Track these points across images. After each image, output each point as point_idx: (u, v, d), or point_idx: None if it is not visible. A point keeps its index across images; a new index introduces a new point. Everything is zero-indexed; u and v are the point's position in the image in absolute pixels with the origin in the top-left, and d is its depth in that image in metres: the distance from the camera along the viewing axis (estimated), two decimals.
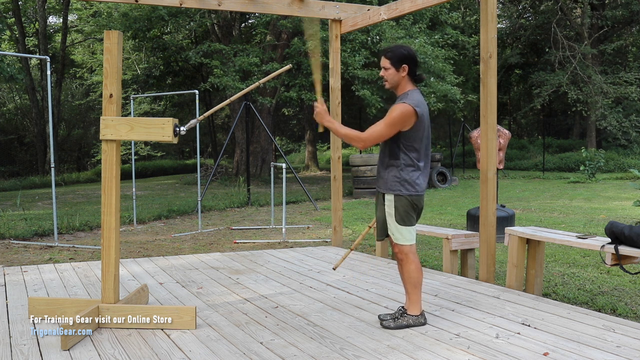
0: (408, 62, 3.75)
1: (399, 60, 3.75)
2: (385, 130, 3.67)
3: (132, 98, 10.50)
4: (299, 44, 16.24)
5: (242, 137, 20.02)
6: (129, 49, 24.96)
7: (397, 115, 3.64)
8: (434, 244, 8.09)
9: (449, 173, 17.96)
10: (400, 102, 3.69)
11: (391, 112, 3.65)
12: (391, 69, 3.78)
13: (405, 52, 3.76)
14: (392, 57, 3.76)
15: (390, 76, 3.79)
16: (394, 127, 3.67)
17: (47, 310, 4.15)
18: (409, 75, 3.78)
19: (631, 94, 23.64)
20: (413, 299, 3.83)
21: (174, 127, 3.97)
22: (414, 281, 3.80)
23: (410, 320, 3.82)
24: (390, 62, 3.77)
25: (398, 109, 3.65)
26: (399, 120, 3.65)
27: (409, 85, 3.80)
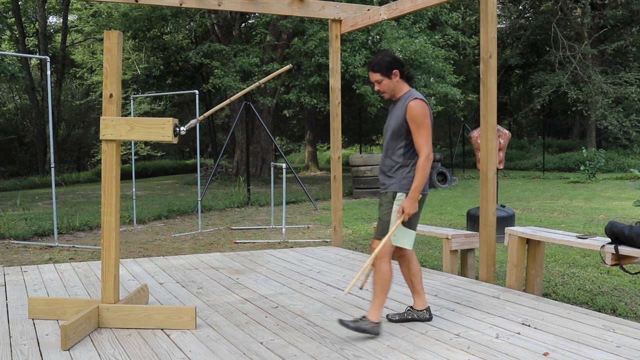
0: (397, 67, 3.79)
1: (388, 69, 3.77)
2: (428, 131, 3.71)
3: (132, 98, 10.50)
4: (299, 44, 16.24)
5: (242, 137, 20.02)
6: (129, 49, 24.97)
7: (424, 112, 3.69)
8: (434, 244, 8.09)
9: (449, 173, 17.96)
10: (411, 100, 3.72)
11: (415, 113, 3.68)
12: (384, 80, 3.80)
13: (390, 58, 3.79)
14: (380, 68, 3.78)
15: (386, 86, 3.82)
16: (429, 119, 3.73)
17: (47, 310, 4.15)
18: (402, 78, 3.83)
19: (631, 94, 23.65)
20: (377, 305, 3.69)
21: (174, 127, 3.97)
22: (385, 283, 3.70)
23: (368, 325, 3.63)
24: (380, 74, 3.79)
25: (416, 106, 3.69)
26: (427, 112, 3.71)
27: (405, 86, 3.85)
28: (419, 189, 3.70)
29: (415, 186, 3.69)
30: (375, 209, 12.33)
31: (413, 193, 3.70)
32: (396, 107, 3.84)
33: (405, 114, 3.74)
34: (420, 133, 3.70)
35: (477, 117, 27.08)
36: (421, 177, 3.69)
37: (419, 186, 3.69)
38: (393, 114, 3.86)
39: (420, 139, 3.71)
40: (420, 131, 3.70)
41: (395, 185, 3.79)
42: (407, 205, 3.70)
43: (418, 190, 3.70)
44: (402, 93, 3.84)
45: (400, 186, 3.78)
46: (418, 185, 3.69)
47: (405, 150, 3.78)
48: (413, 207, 3.70)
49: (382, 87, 3.82)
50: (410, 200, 3.70)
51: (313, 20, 15.85)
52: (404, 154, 3.78)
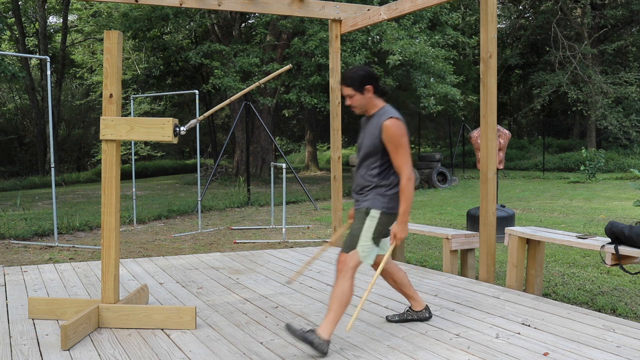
0: (370, 82, 3.60)
1: (361, 84, 3.59)
2: (407, 151, 3.55)
3: (132, 98, 10.50)
4: (299, 44, 16.24)
5: (242, 137, 20.02)
6: (129, 49, 24.97)
7: (400, 131, 3.53)
8: (434, 244, 8.09)
9: (449, 173, 17.96)
10: (386, 119, 3.54)
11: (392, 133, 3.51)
12: (356, 95, 3.61)
13: (363, 72, 3.60)
14: (353, 82, 3.60)
15: (358, 102, 3.63)
16: (406, 138, 3.57)
17: (47, 310, 4.15)
18: (375, 94, 3.65)
19: (631, 94, 23.65)
20: (331, 318, 3.42)
21: (174, 127, 3.97)
22: (343, 299, 3.45)
23: (316, 340, 3.36)
24: (352, 89, 3.61)
25: (394, 126, 3.52)
26: (404, 130, 3.55)
27: (378, 102, 3.67)
28: (407, 212, 3.55)
29: (404, 210, 3.53)
30: None
31: (403, 217, 3.54)
32: (370, 124, 3.65)
33: (380, 133, 3.55)
34: (399, 153, 3.53)
35: (477, 117, 27.08)
36: (407, 201, 3.53)
37: (407, 209, 3.54)
38: (367, 131, 3.66)
39: (399, 159, 3.54)
40: (399, 151, 3.53)
41: (369, 202, 3.61)
42: (399, 231, 3.55)
43: (406, 214, 3.55)
44: (375, 109, 3.66)
45: (374, 204, 3.59)
46: (406, 209, 3.53)
47: (380, 170, 3.61)
48: (404, 232, 3.56)
49: (354, 102, 3.63)
50: (402, 225, 3.55)
51: (313, 20, 15.85)
52: (378, 174, 3.61)
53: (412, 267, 5.89)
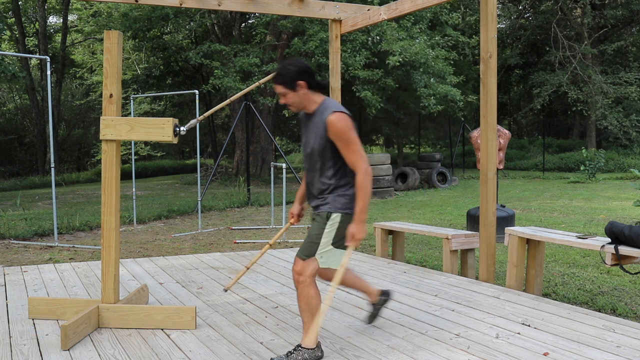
0: (302, 77, 3.30)
1: (292, 80, 3.30)
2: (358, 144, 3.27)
3: (132, 98, 10.50)
4: (299, 44, 16.24)
5: (242, 137, 20.02)
6: (129, 49, 24.98)
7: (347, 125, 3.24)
8: (434, 244, 8.09)
9: (449, 173, 17.96)
10: (329, 115, 3.25)
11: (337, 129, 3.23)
12: (289, 93, 3.32)
13: (294, 68, 3.30)
14: (284, 80, 3.31)
15: (291, 100, 3.34)
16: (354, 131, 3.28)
17: (47, 310, 4.15)
18: (311, 89, 3.34)
19: (631, 94, 23.65)
20: (310, 329, 3.30)
21: (174, 127, 3.97)
22: (313, 308, 3.29)
23: (305, 354, 3.27)
24: (284, 87, 3.32)
25: (339, 120, 3.23)
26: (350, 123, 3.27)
27: (316, 97, 3.37)
28: (364, 210, 3.25)
29: (361, 207, 3.24)
30: (374, 209, 12.33)
31: (360, 216, 3.24)
32: (313, 122, 3.36)
33: (326, 131, 3.27)
34: (350, 149, 3.24)
35: (477, 117, 27.08)
36: (365, 197, 3.24)
37: (365, 207, 3.25)
38: (311, 130, 3.37)
39: (351, 155, 3.25)
40: (350, 147, 3.24)
41: (330, 205, 3.34)
42: (357, 231, 3.25)
43: (364, 211, 3.25)
44: (315, 106, 3.36)
45: (335, 207, 3.33)
46: (363, 206, 3.24)
47: (335, 170, 3.33)
48: (362, 231, 3.25)
49: (287, 100, 3.34)
50: (359, 225, 3.25)
51: (313, 20, 15.85)
52: (334, 174, 3.34)
53: (412, 267, 5.89)
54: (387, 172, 15.33)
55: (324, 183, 3.37)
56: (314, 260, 3.31)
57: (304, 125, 3.45)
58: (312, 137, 3.36)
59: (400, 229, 6.35)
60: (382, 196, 15.07)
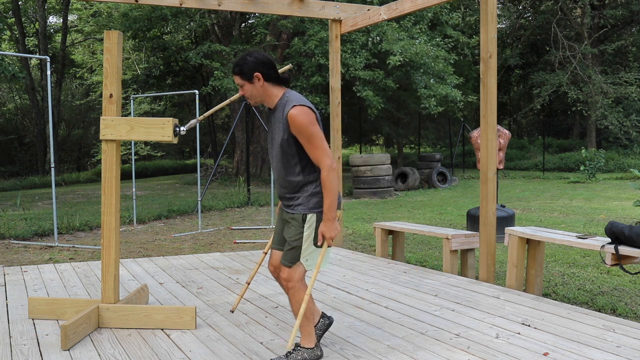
0: (259, 69, 3.18)
1: (249, 71, 3.18)
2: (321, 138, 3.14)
3: (132, 98, 10.51)
4: (299, 44, 16.24)
5: (242, 137, 20.03)
6: (129, 49, 24.98)
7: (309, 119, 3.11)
8: (434, 244, 8.09)
9: (449, 173, 17.96)
10: (290, 109, 3.12)
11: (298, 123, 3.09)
12: (245, 84, 3.21)
13: (252, 59, 3.19)
14: (240, 71, 3.20)
15: (249, 92, 3.22)
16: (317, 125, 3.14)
17: (47, 310, 4.15)
18: (269, 82, 3.21)
19: (631, 94, 23.66)
20: (307, 331, 3.28)
21: (174, 127, 3.97)
22: (307, 309, 3.26)
23: (305, 354, 3.27)
24: (240, 78, 3.21)
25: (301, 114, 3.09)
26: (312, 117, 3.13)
27: (276, 90, 3.24)
28: (332, 207, 3.13)
29: (328, 205, 3.12)
30: (374, 209, 12.33)
31: (328, 214, 3.14)
32: (275, 117, 3.23)
33: (287, 126, 3.14)
34: (313, 144, 3.11)
35: (477, 117, 27.09)
36: (331, 194, 3.11)
37: (332, 204, 3.13)
38: (274, 126, 3.24)
39: (315, 151, 3.12)
40: (313, 142, 3.11)
41: (303, 206, 3.21)
42: (326, 229, 3.15)
43: (332, 209, 3.13)
44: (276, 99, 3.23)
45: (308, 207, 3.21)
46: (330, 204, 3.12)
47: (302, 166, 3.20)
48: (334, 229, 3.15)
49: (245, 92, 3.24)
50: (328, 223, 3.14)
51: (313, 20, 15.85)
52: (302, 171, 3.21)
53: (412, 267, 5.89)
54: (387, 172, 15.33)
55: (292, 181, 3.23)
56: (299, 265, 3.23)
57: (268, 120, 3.33)
58: (276, 133, 3.23)
59: (400, 229, 6.35)
60: (382, 196, 15.07)
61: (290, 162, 3.21)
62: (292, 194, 3.25)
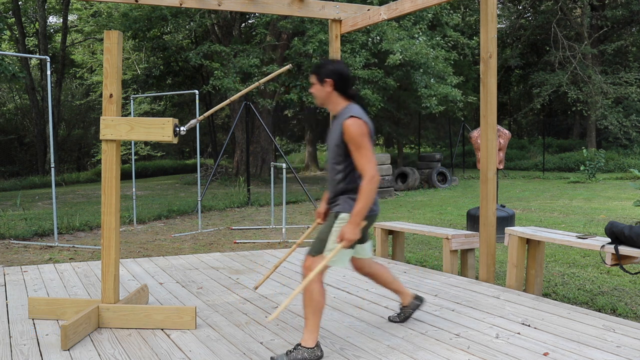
0: (333, 77, 3.45)
1: (324, 75, 3.47)
2: (369, 150, 3.35)
3: (132, 98, 10.50)
4: (299, 45, 16.24)
5: (242, 137, 20.02)
6: (129, 49, 24.97)
7: (360, 130, 3.33)
8: (434, 244, 8.09)
9: (449, 173, 17.96)
10: (347, 119, 3.35)
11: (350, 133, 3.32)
12: (316, 85, 3.52)
13: (332, 67, 3.48)
14: (318, 72, 3.51)
15: (316, 92, 3.53)
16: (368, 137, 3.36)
17: (47, 310, 4.15)
18: (337, 91, 3.49)
19: (631, 94, 23.65)
20: (310, 327, 3.34)
21: (174, 127, 3.97)
22: (315, 304, 3.34)
23: (305, 353, 3.30)
24: (315, 77, 3.52)
25: (354, 125, 3.32)
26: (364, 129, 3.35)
27: (341, 101, 3.51)
28: (361, 214, 3.29)
29: (357, 211, 3.29)
30: None
31: (355, 218, 3.30)
32: (334, 124, 3.50)
33: (342, 134, 3.38)
34: (361, 153, 3.32)
35: (477, 117, 27.08)
36: (365, 202, 3.29)
37: (362, 211, 3.29)
38: (332, 131, 3.51)
39: (361, 160, 3.32)
40: (361, 151, 3.32)
41: (340, 206, 3.46)
42: (348, 232, 3.29)
43: (360, 215, 3.29)
44: (339, 108, 3.51)
45: (344, 208, 3.44)
46: (360, 209, 3.29)
47: (346, 173, 3.44)
48: (354, 234, 3.29)
49: (313, 90, 3.55)
50: (351, 226, 3.29)
51: (313, 21, 15.85)
52: (344, 178, 3.45)
53: (412, 267, 5.89)
54: (387, 172, 15.33)
55: (336, 184, 3.49)
56: (322, 257, 3.39)
57: (330, 127, 3.60)
58: (331, 139, 3.50)
59: (400, 229, 6.35)
60: (382, 196, 15.08)
61: (337, 167, 3.48)
62: (335, 197, 3.52)
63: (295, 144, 39.81)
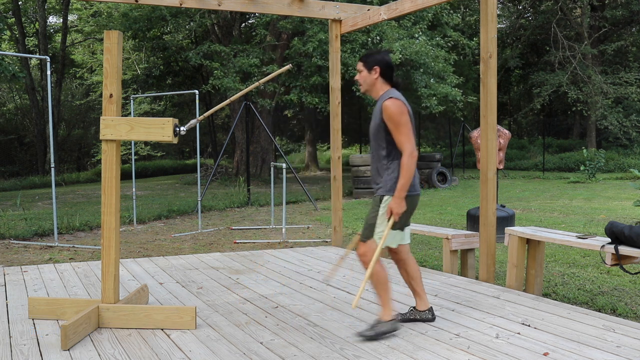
0: (379, 65, 3.76)
1: (372, 63, 3.77)
2: (408, 128, 3.62)
3: (132, 98, 10.50)
4: (299, 45, 16.24)
5: (242, 137, 20.02)
6: (129, 49, 24.96)
7: (399, 110, 3.61)
8: (434, 244, 8.09)
9: (449, 173, 17.96)
10: (386, 100, 3.66)
11: (390, 112, 3.61)
12: (364, 72, 3.80)
13: (379, 56, 3.78)
14: (366, 60, 3.80)
15: (363, 78, 3.81)
16: (407, 116, 3.63)
17: (47, 310, 4.15)
18: (383, 78, 3.78)
19: (631, 94, 23.65)
20: (384, 303, 3.71)
21: (174, 127, 3.97)
22: (383, 282, 3.69)
23: (384, 327, 3.65)
24: (363, 65, 3.81)
25: (390, 105, 3.62)
26: (403, 109, 3.63)
27: (384, 87, 3.80)
28: (404, 187, 3.60)
29: (401, 185, 3.60)
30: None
31: (399, 192, 3.61)
32: (375, 108, 3.79)
33: (381, 114, 3.67)
34: (400, 131, 3.63)
35: (477, 117, 27.08)
36: (406, 176, 3.59)
37: (405, 185, 3.60)
38: (373, 115, 3.81)
39: (400, 137, 3.63)
40: (400, 129, 3.62)
41: (382, 188, 3.73)
42: (394, 205, 3.62)
43: (404, 189, 3.61)
44: (381, 93, 3.80)
45: (386, 189, 3.71)
46: (404, 184, 3.60)
47: (388, 151, 3.72)
48: (400, 206, 3.62)
49: (360, 77, 3.82)
50: (397, 200, 3.61)
51: (313, 21, 15.84)
52: (386, 156, 3.72)
53: None
54: None
55: (379, 165, 3.77)
56: (373, 242, 3.70)
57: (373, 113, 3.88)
58: (373, 121, 3.78)
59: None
60: None
61: (379, 146, 3.75)
62: (379, 175, 3.77)
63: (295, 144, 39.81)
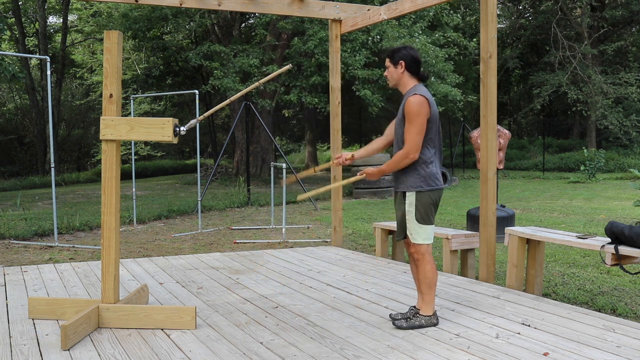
0: (406, 59, 3.82)
1: (398, 58, 3.84)
2: (418, 129, 3.67)
3: (132, 98, 10.50)
4: (299, 45, 16.23)
5: (242, 137, 20.02)
6: (129, 49, 24.96)
7: (418, 109, 3.66)
8: (434, 244, 8.08)
9: (449, 173, 17.95)
10: (411, 95, 3.72)
11: (410, 109, 3.67)
12: (391, 67, 3.88)
13: (405, 51, 3.85)
14: (392, 55, 3.87)
15: (390, 74, 3.89)
16: (423, 118, 3.68)
17: (47, 310, 4.15)
18: (409, 72, 3.84)
19: (631, 94, 23.65)
20: (427, 300, 3.84)
21: (174, 127, 3.97)
22: (429, 282, 3.82)
23: (422, 320, 3.83)
24: (389, 60, 3.89)
25: (413, 102, 3.68)
26: (423, 110, 3.67)
27: (411, 81, 3.86)
28: (383, 172, 3.82)
29: (381, 169, 3.81)
30: (374, 209, 12.32)
31: (380, 169, 3.82)
32: (402, 102, 3.86)
33: (404, 108, 3.76)
34: (410, 129, 3.69)
35: (477, 117, 27.07)
36: (391, 166, 3.77)
37: (385, 170, 3.80)
38: (399, 110, 3.89)
39: (408, 134, 3.70)
40: (410, 127, 3.69)
41: (404, 184, 3.82)
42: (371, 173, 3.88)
43: (381, 172, 3.83)
44: (408, 87, 3.86)
45: (407, 186, 3.80)
46: (384, 170, 3.80)
47: None
48: (373, 177, 3.88)
49: (387, 73, 3.91)
50: (376, 172, 3.85)
51: (313, 21, 15.85)
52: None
53: None
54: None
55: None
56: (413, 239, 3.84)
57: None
58: (398, 116, 3.87)
59: None
60: (382, 196, 15.07)
61: (401, 139, 3.81)
62: (400, 174, 3.84)
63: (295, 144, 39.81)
